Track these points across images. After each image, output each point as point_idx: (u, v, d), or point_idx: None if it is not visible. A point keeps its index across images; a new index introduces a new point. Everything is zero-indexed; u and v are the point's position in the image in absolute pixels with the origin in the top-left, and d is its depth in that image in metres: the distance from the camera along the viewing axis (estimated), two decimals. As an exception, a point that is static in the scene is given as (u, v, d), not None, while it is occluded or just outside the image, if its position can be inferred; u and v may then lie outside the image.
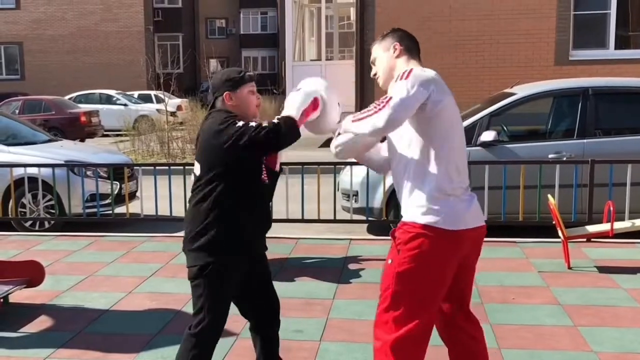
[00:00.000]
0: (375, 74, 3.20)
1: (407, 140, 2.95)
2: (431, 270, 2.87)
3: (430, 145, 2.88)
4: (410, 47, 3.12)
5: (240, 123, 3.09)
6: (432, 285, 2.90)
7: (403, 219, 2.96)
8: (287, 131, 3.07)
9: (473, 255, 3.08)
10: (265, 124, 3.07)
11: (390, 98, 2.79)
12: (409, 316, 2.88)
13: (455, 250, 2.89)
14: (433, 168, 2.87)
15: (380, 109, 2.80)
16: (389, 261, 2.95)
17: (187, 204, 3.41)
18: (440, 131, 2.88)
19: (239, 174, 3.17)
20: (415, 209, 2.89)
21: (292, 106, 3.17)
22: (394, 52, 3.09)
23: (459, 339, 3.14)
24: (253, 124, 3.08)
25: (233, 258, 3.25)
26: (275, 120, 3.10)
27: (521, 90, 8.03)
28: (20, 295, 5.36)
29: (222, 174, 3.17)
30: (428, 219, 2.85)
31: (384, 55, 3.13)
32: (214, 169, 3.18)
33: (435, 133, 2.87)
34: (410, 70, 2.88)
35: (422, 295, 2.89)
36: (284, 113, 3.16)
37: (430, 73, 2.91)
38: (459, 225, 2.87)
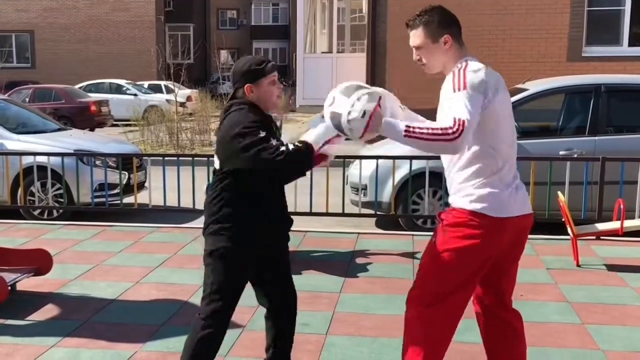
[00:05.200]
0: (420, 60, 3.07)
1: None
2: (472, 254, 2.95)
3: (476, 141, 2.91)
4: (457, 32, 3.04)
5: (262, 134, 3.05)
6: (471, 267, 2.98)
7: (452, 205, 3.03)
8: (302, 163, 3.07)
9: (517, 247, 3.13)
10: (284, 147, 3.01)
11: (464, 121, 2.71)
12: (444, 294, 2.98)
13: (498, 237, 2.96)
14: (480, 161, 2.93)
15: (460, 134, 2.70)
16: (433, 240, 3.05)
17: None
18: (485, 129, 2.90)
19: (251, 174, 3.20)
20: (463, 197, 2.98)
21: (316, 136, 3.09)
22: (445, 45, 3.00)
23: (497, 328, 3.22)
24: (274, 142, 3.04)
25: (242, 247, 3.28)
26: (294, 147, 3.02)
27: (533, 86, 7.98)
28: (28, 284, 5.37)
29: (234, 172, 3.22)
30: (475, 206, 2.93)
31: (433, 47, 3.01)
32: (228, 166, 3.23)
33: (480, 131, 2.88)
34: (465, 76, 2.84)
35: (459, 275, 2.98)
36: (306, 138, 3.09)
37: (482, 72, 2.88)
38: (504, 213, 2.94)
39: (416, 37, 3.05)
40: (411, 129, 2.79)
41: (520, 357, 3.26)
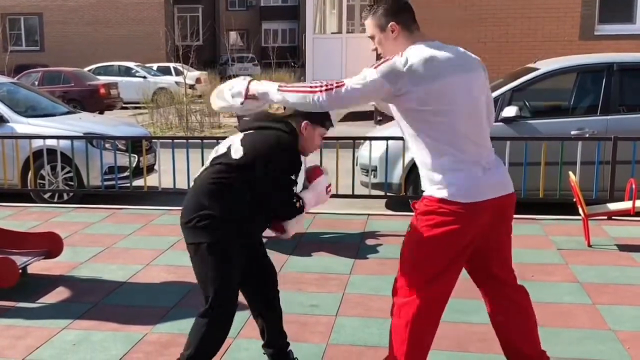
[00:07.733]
0: (376, 50, 3.09)
1: (404, 121, 2.98)
2: (446, 241, 2.92)
3: (425, 129, 2.90)
4: (407, 19, 2.99)
5: (292, 178, 3.23)
6: (447, 254, 2.95)
7: (424, 194, 3.04)
8: (293, 215, 3.31)
9: (501, 224, 3.10)
10: (296, 201, 3.25)
11: (342, 85, 2.86)
12: (423, 283, 2.97)
13: (472, 222, 2.92)
14: (437, 147, 2.90)
15: (326, 90, 2.87)
16: (409, 230, 3.05)
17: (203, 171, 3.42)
18: (427, 117, 2.86)
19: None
20: (431, 184, 2.97)
21: (310, 199, 3.33)
22: (393, 33, 2.97)
23: (500, 305, 3.21)
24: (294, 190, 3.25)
25: (229, 238, 3.19)
26: (300, 204, 3.26)
27: (544, 66, 7.91)
28: (39, 266, 5.40)
29: (247, 167, 3.18)
30: (443, 193, 2.92)
31: (382, 36, 3.00)
32: (256, 169, 3.17)
33: (422, 119, 2.88)
34: (388, 60, 2.86)
35: (437, 263, 2.95)
36: (304, 196, 3.32)
37: (402, 62, 2.82)
38: (475, 197, 2.90)
39: (368, 27, 3.07)
40: (284, 85, 3.02)
41: (528, 333, 3.22)
